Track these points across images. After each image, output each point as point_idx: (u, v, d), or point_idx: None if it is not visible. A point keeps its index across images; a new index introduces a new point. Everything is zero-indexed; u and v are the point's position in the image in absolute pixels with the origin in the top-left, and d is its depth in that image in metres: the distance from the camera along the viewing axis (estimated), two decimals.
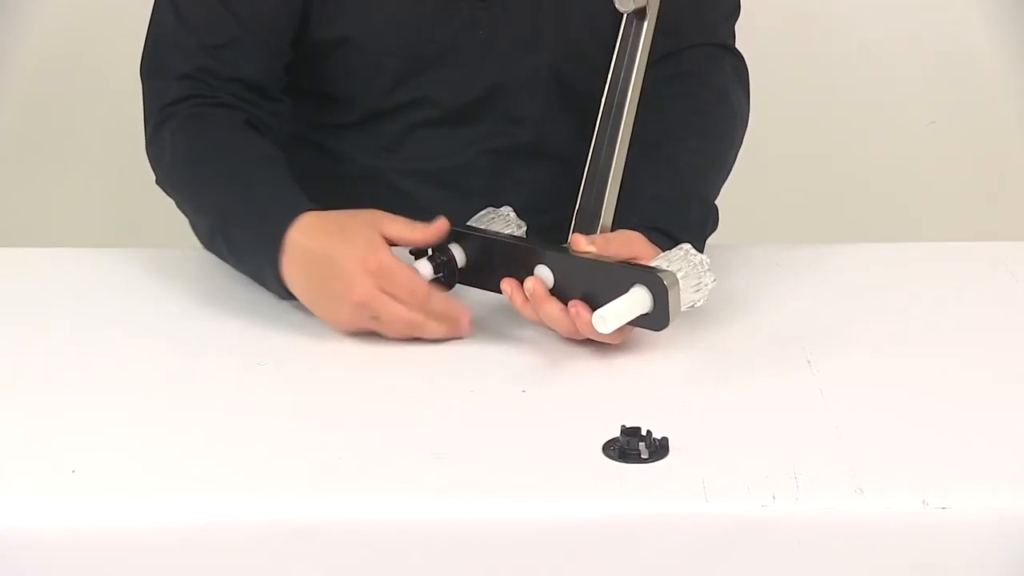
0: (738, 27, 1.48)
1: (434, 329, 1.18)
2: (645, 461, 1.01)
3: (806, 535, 0.97)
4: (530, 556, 0.97)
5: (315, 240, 1.18)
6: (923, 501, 0.97)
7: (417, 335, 1.17)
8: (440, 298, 1.18)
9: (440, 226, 1.20)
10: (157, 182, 1.33)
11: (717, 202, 1.33)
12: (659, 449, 1.01)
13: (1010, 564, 0.97)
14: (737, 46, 1.47)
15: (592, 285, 1.13)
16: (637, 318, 1.12)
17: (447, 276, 1.23)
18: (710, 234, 1.30)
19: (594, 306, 1.12)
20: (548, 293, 1.16)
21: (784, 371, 1.15)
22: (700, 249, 1.25)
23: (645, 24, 1.18)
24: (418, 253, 1.23)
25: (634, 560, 0.97)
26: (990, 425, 1.07)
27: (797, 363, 1.16)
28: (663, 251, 1.18)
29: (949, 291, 1.31)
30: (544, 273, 1.17)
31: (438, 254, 1.22)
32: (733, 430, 1.06)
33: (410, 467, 1.01)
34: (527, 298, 1.16)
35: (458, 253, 1.22)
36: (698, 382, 1.13)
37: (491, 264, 1.21)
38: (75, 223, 2.50)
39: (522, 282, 1.16)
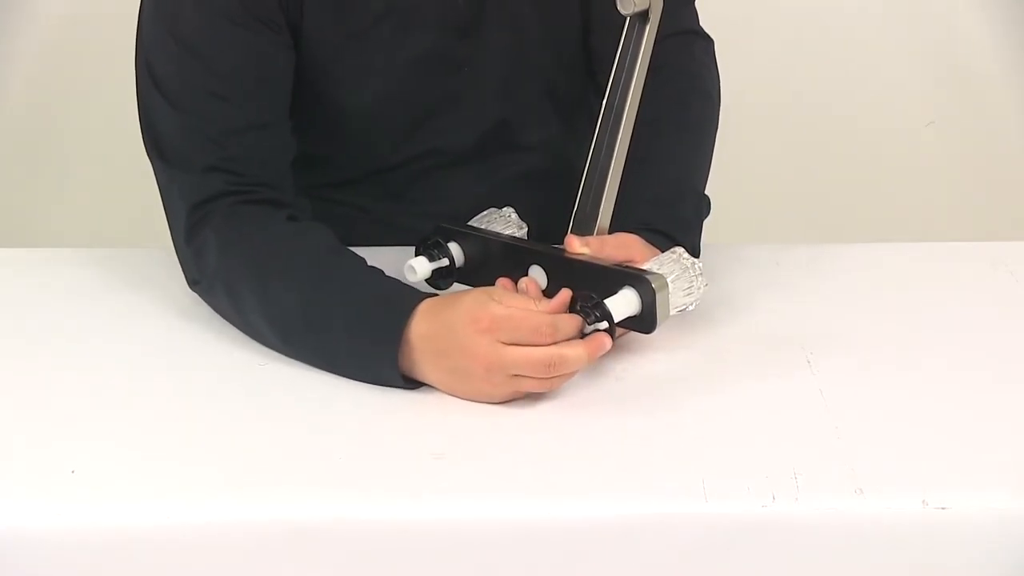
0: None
1: (577, 355, 1.08)
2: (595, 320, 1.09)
3: (806, 535, 0.97)
4: (530, 556, 0.97)
5: (431, 323, 1.10)
6: (923, 501, 0.97)
7: (564, 371, 1.08)
8: (567, 321, 1.09)
9: (560, 299, 1.11)
10: (193, 283, 1.24)
11: (717, 201, 1.33)
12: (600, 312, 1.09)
13: (1010, 564, 0.97)
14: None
15: (583, 286, 1.13)
16: (625, 320, 1.12)
17: (444, 274, 1.23)
18: (704, 218, 1.30)
19: None
20: (541, 293, 1.16)
21: (784, 371, 1.15)
22: (698, 241, 1.26)
23: (648, 27, 1.18)
24: (416, 251, 1.23)
25: (634, 560, 0.97)
26: (990, 425, 1.07)
27: (797, 363, 1.16)
28: (660, 251, 1.18)
29: (949, 291, 1.31)
30: (538, 274, 1.17)
31: (436, 252, 1.23)
32: (733, 430, 1.06)
33: (410, 467, 1.01)
34: None
35: (456, 252, 1.23)
36: (698, 382, 1.13)
37: (488, 263, 1.22)
38: (75, 223, 2.50)
39: (517, 282, 1.17)
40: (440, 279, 1.24)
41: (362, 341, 1.12)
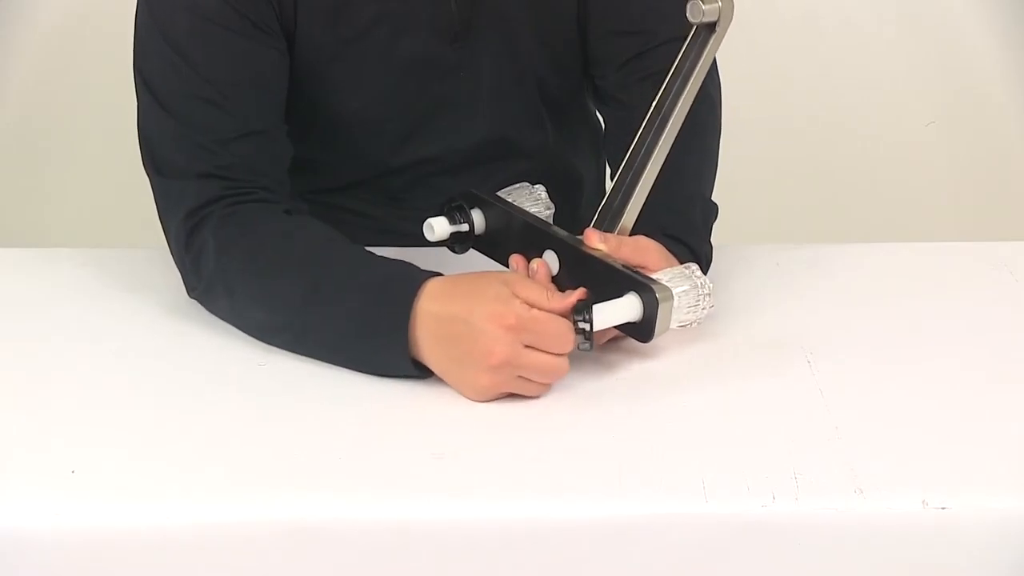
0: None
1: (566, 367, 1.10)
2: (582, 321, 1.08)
3: (806, 535, 0.97)
4: (530, 556, 0.97)
5: (444, 304, 1.09)
6: (923, 501, 0.97)
7: (555, 379, 1.10)
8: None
9: (573, 298, 1.10)
10: (191, 290, 1.24)
11: (718, 200, 1.33)
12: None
13: (1010, 564, 0.97)
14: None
15: (591, 282, 1.13)
16: (624, 325, 1.12)
17: (462, 239, 1.24)
18: (711, 224, 1.30)
19: None
20: (550, 278, 1.16)
21: (784, 371, 1.15)
22: (708, 248, 1.26)
23: (712, 38, 1.16)
24: (438, 211, 1.24)
25: (634, 560, 0.97)
26: (990, 425, 1.07)
27: (797, 363, 1.16)
28: (678, 260, 1.18)
29: (949, 291, 1.30)
30: (551, 258, 1.17)
31: (458, 216, 1.23)
32: (733, 430, 1.06)
33: (410, 467, 1.01)
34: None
35: (478, 219, 1.23)
36: (698, 382, 1.13)
37: (506, 237, 1.22)
38: (75, 223, 2.50)
39: (529, 261, 1.17)
40: (457, 243, 1.25)
41: (369, 317, 1.11)
